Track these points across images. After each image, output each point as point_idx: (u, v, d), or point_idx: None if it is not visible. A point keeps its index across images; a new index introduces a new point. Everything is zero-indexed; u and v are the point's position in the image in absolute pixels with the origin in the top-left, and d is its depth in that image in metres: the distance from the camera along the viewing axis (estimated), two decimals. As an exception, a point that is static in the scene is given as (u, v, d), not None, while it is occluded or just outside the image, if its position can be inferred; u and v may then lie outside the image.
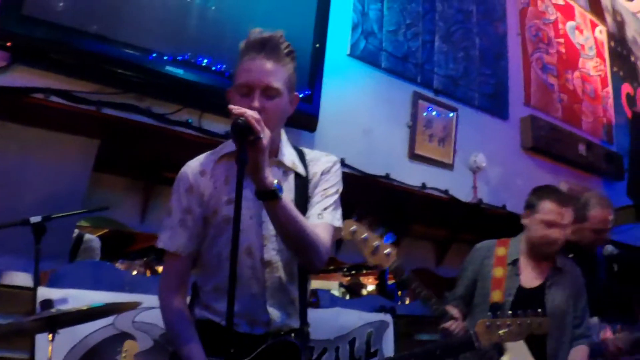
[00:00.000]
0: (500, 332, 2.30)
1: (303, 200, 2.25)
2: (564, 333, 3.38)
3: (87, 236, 4.76)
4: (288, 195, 2.18)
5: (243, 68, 2.13)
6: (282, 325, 2.20)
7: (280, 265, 2.21)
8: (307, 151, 2.40)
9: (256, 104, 2.06)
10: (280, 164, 2.26)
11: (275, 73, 2.13)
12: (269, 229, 2.18)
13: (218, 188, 2.23)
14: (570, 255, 3.90)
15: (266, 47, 2.13)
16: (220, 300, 2.18)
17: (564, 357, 3.33)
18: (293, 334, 2.21)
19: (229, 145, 2.28)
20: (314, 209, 2.25)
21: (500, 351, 3.02)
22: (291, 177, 2.27)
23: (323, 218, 2.23)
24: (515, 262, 3.46)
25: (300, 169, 2.29)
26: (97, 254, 4.74)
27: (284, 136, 2.33)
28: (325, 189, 2.32)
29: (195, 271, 2.33)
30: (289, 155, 2.30)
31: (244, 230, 2.12)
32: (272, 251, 2.20)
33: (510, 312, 2.90)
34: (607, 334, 3.81)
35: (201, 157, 2.32)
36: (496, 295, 3.31)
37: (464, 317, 3.40)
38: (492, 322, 2.30)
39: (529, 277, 3.42)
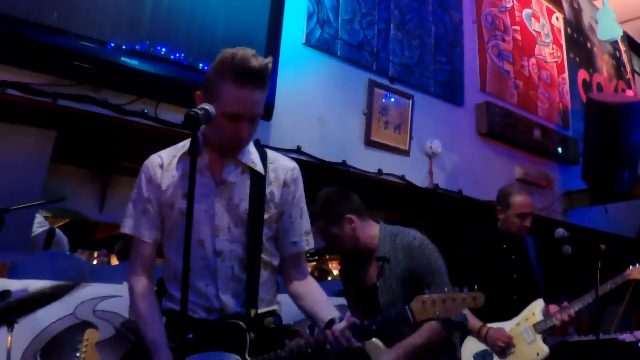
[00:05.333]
0: (436, 308, 2.36)
1: (258, 196, 2.33)
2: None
3: (57, 230, 4.76)
4: (243, 191, 2.31)
5: (236, 97, 2.14)
6: (238, 312, 2.28)
7: (233, 255, 2.29)
8: (267, 151, 2.48)
9: (245, 134, 2.20)
10: (239, 163, 2.33)
11: (262, 101, 2.23)
12: (222, 220, 2.28)
13: (175, 182, 2.30)
14: (504, 246, 4.10)
15: (260, 79, 2.16)
16: (179, 288, 2.25)
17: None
18: (241, 321, 2.26)
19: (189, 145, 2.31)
20: (297, 230, 2.45)
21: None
22: (247, 175, 2.34)
23: (309, 244, 2.47)
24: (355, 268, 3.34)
25: (259, 167, 2.36)
26: (66, 249, 4.76)
27: None
28: (301, 207, 2.48)
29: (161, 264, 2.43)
30: (250, 154, 2.37)
31: (197, 222, 2.23)
32: (224, 242, 2.28)
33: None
34: (552, 308, 3.94)
35: (162, 152, 2.39)
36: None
37: None
38: (427, 299, 2.36)
39: (367, 276, 3.27)
